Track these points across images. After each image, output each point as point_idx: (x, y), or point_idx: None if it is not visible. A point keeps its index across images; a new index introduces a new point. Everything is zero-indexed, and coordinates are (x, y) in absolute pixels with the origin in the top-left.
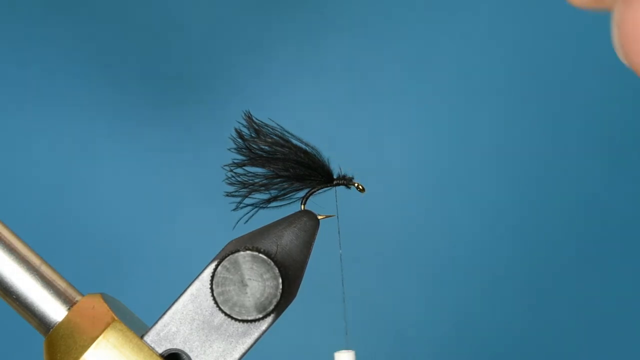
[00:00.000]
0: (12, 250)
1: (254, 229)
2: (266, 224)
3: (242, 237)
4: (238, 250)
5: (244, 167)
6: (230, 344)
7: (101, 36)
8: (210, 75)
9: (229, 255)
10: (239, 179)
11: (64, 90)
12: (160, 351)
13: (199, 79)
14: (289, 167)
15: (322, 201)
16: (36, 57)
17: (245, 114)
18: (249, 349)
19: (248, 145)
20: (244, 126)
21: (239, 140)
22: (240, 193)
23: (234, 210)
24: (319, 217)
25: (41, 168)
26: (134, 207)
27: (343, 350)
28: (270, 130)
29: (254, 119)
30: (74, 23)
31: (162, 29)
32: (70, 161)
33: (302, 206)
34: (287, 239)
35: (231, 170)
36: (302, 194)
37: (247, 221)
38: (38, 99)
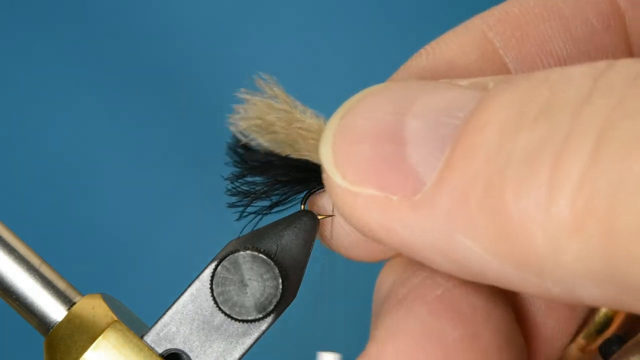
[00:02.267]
0: (12, 250)
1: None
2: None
3: (242, 237)
4: (238, 250)
5: (244, 178)
6: (230, 344)
7: (102, 38)
8: (211, 74)
9: (229, 255)
10: (240, 189)
11: (64, 91)
12: (160, 351)
13: (200, 79)
14: (287, 172)
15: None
16: (39, 59)
17: (230, 138)
18: (248, 349)
19: (243, 159)
20: (234, 145)
21: (234, 154)
22: (242, 202)
23: (237, 220)
24: (319, 217)
25: (42, 168)
26: (134, 208)
27: (327, 352)
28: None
29: (239, 136)
30: (76, 24)
31: (167, 32)
32: (71, 162)
33: (302, 206)
34: (287, 239)
35: (232, 182)
36: (303, 194)
37: (253, 228)
38: (40, 100)
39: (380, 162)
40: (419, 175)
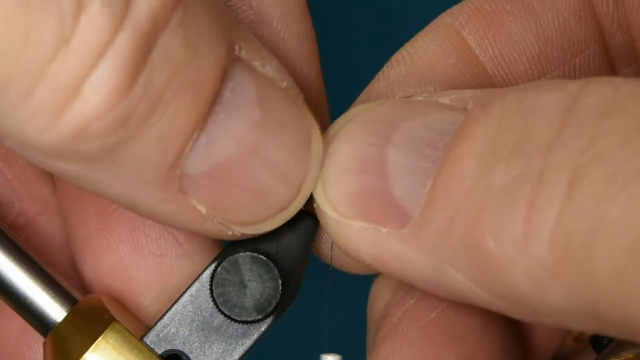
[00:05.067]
0: (12, 250)
1: None
2: None
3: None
4: (238, 251)
5: None
6: (230, 345)
7: None
8: None
9: (228, 256)
10: None
11: None
12: (159, 352)
13: None
14: None
15: None
16: None
17: None
18: (248, 350)
19: None
20: None
21: None
22: None
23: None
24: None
25: None
26: None
27: (329, 354)
28: None
29: None
30: None
31: None
32: None
33: (302, 207)
34: (287, 240)
35: None
36: None
37: None
38: None
39: (366, 195)
40: (405, 209)
